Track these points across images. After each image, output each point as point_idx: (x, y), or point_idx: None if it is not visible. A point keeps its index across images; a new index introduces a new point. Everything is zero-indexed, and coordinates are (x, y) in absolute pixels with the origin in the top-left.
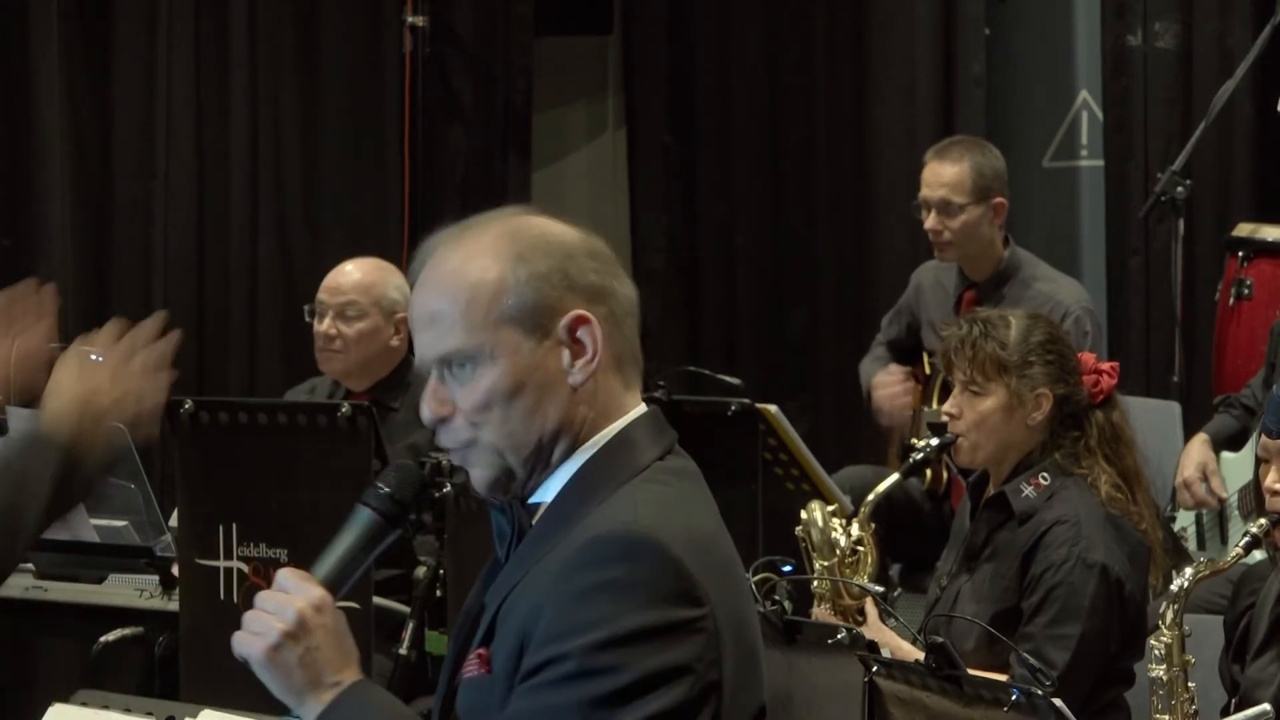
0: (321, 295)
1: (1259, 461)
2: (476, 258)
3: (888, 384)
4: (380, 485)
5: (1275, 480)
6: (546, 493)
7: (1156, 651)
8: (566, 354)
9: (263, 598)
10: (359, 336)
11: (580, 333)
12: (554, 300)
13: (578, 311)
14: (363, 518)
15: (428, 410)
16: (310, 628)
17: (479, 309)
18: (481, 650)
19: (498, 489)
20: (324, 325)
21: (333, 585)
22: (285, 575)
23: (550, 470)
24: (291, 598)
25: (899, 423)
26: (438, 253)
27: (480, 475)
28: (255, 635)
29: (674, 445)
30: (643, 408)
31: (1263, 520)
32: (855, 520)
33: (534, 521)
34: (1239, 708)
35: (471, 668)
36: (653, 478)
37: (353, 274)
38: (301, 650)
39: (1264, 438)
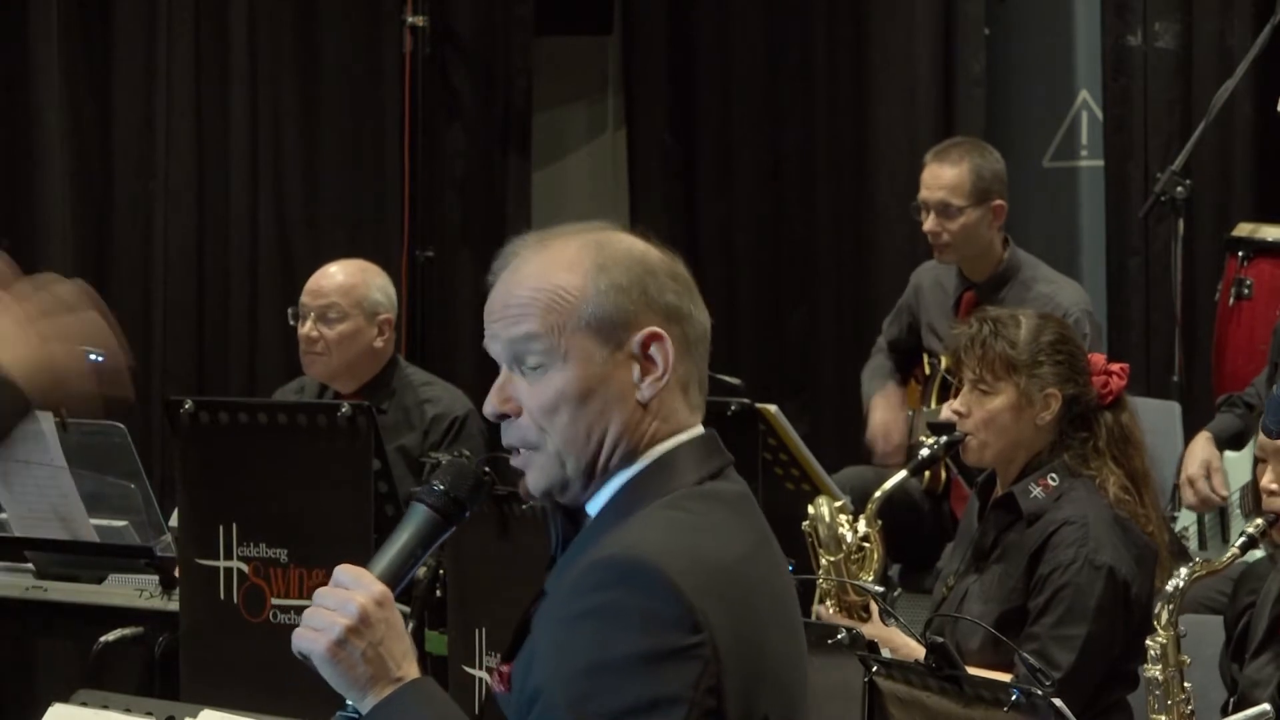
0: (303, 298)
1: (1257, 461)
2: (560, 263)
3: (884, 423)
4: (436, 482)
5: (1272, 480)
6: (595, 505)
7: (1152, 652)
8: (637, 369)
9: (322, 594)
10: (340, 339)
11: (653, 349)
12: (630, 314)
13: (652, 328)
14: (419, 514)
15: (491, 404)
16: (373, 622)
17: (557, 313)
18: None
19: (549, 496)
20: (305, 328)
21: (389, 581)
22: (343, 571)
23: (602, 482)
24: (352, 593)
25: (890, 461)
26: (521, 255)
27: (535, 480)
28: (317, 631)
29: (722, 469)
30: (698, 430)
31: (1259, 520)
32: (862, 517)
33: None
34: (1238, 707)
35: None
36: (676, 503)
37: (334, 276)
38: (365, 645)
39: (1262, 437)
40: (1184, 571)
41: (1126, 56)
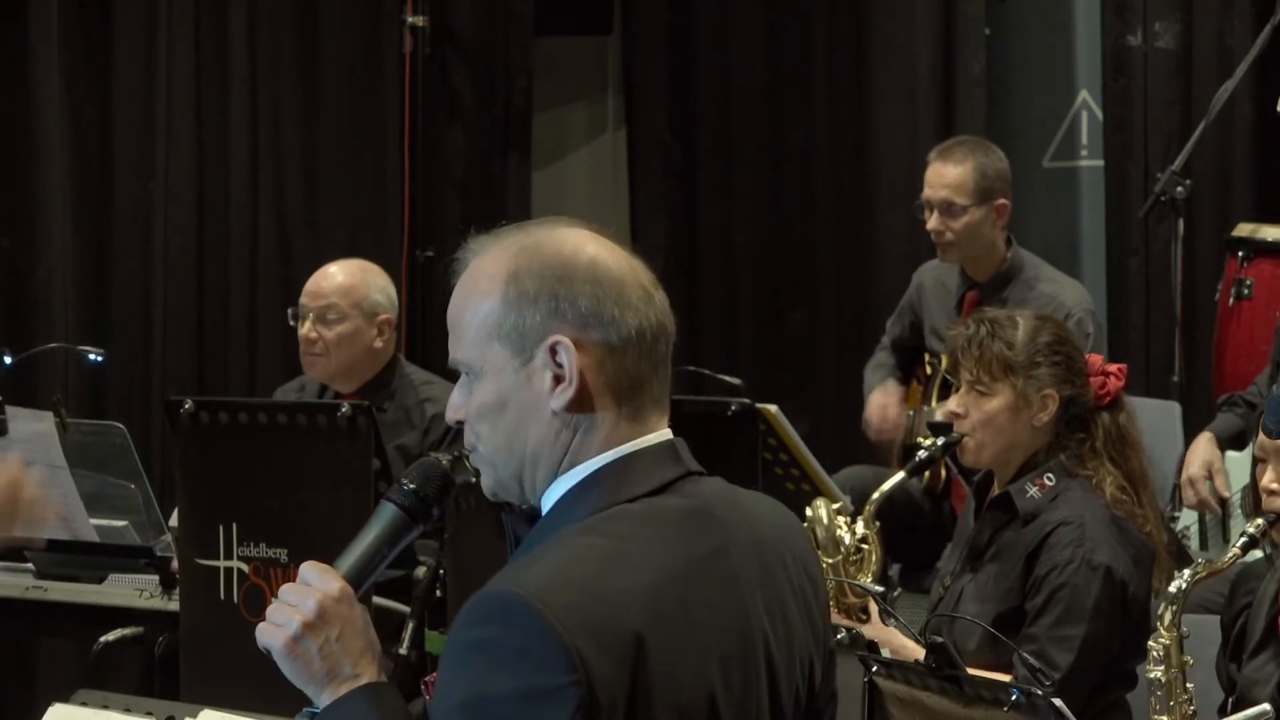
0: (303, 299)
1: (1256, 461)
2: (482, 274)
3: (881, 403)
4: (404, 481)
5: (1272, 480)
6: (545, 506)
7: (1155, 653)
8: (549, 378)
9: (285, 590)
10: (339, 340)
11: (559, 358)
12: (536, 324)
13: (555, 338)
14: (386, 513)
15: (448, 411)
16: (330, 618)
17: (474, 324)
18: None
19: (497, 497)
20: (305, 329)
21: (355, 579)
22: (307, 568)
23: (544, 487)
24: (312, 589)
25: (887, 436)
26: (470, 260)
27: (484, 483)
28: (277, 626)
29: (674, 482)
30: (654, 438)
31: (1260, 520)
32: (860, 518)
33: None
34: (1236, 706)
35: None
36: (593, 527)
37: (334, 277)
38: (321, 641)
39: (1261, 437)
40: (1187, 573)
41: (1126, 56)
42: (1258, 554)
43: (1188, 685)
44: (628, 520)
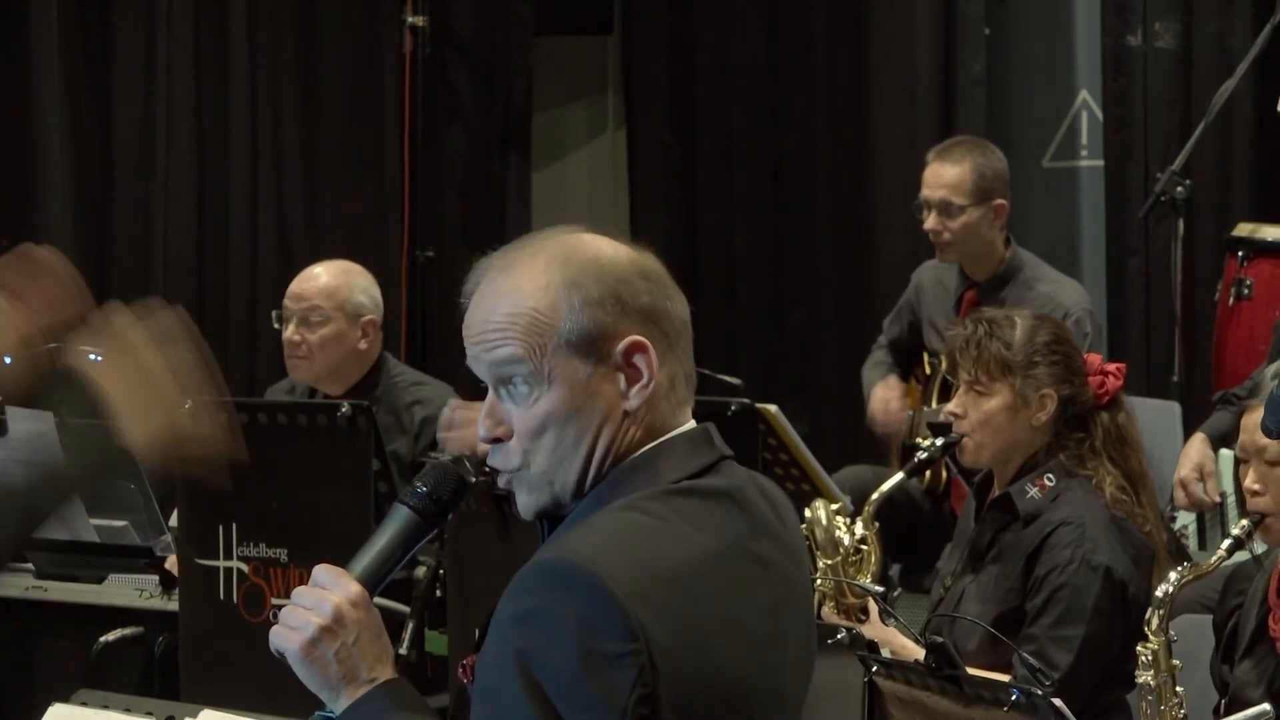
0: (286, 301)
1: (1238, 462)
2: (531, 284)
3: (884, 397)
4: (418, 484)
5: (1254, 481)
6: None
7: (1144, 658)
8: (622, 379)
9: (300, 593)
10: (323, 342)
11: (636, 358)
12: (609, 326)
13: (634, 338)
14: (400, 516)
15: (484, 428)
16: (347, 623)
17: (537, 335)
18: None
19: (542, 515)
20: (289, 332)
21: (368, 582)
22: (322, 571)
23: (592, 483)
24: (328, 593)
25: (893, 429)
26: (491, 276)
27: (526, 502)
28: (292, 630)
29: (712, 466)
30: (688, 426)
31: (1244, 521)
32: (859, 519)
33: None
34: (1229, 708)
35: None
36: (633, 505)
37: (317, 279)
38: (338, 645)
39: (1243, 436)
40: (1173, 576)
41: (1126, 56)
42: (1245, 555)
43: (1177, 689)
44: (666, 500)
